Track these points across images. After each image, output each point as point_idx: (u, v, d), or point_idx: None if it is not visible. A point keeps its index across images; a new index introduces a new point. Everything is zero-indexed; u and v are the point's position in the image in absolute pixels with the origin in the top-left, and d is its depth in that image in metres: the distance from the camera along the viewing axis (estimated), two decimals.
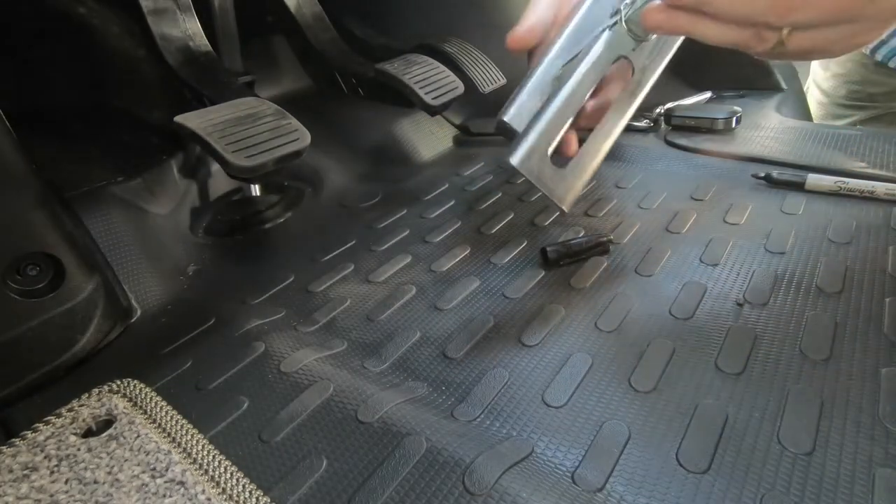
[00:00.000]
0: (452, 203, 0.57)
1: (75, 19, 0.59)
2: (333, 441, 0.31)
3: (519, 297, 0.41)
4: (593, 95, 0.38)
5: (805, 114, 0.81)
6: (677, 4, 0.29)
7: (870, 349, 0.33)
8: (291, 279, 0.48)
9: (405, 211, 0.57)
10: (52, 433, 0.30)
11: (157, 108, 0.63)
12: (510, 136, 0.39)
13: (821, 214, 0.46)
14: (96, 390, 0.33)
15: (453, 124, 0.74)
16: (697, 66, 0.76)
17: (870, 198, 0.47)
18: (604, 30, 0.37)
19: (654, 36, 0.37)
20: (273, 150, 0.40)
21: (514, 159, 0.36)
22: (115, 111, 0.63)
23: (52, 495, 0.27)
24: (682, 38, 0.38)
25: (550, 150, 0.36)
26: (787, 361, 0.33)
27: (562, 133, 0.37)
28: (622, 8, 0.36)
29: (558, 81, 0.38)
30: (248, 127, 0.41)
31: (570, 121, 0.37)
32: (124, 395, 0.33)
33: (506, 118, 0.39)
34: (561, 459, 0.28)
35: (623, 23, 0.36)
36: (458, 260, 0.47)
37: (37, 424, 0.31)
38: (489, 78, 0.59)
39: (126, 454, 0.29)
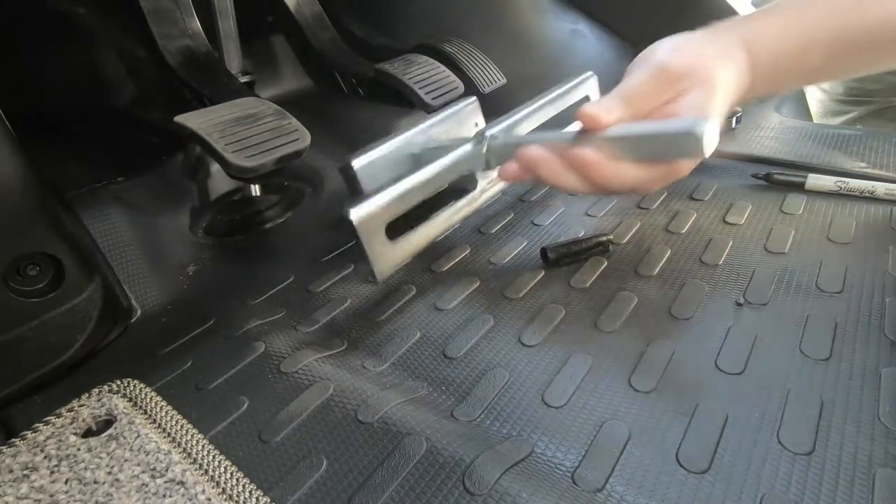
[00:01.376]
0: None
1: (75, 19, 0.59)
2: (333, 441, 0.31)
3: (519, 297, 0.41)
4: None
5: (805, 113, 0.81)
6: (529, 174, 0.36)
7: (870, 349, 0.33)
8: (291, 279, 0.48)
9: None
10: (52, 433, 0.30)
11: (157, 108, 0.63)
12: (350, 184, 0.39)
13: (821, 214, 0.46)
14: (96, 390, 0.33)
15: None
16: None
17: (870, 198, 0.47)
18: (467, 142, 0.40)
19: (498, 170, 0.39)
20: (273, 150, 0.40)
21: (354, 215, 0.35)
22: (115, 111, 0.63)
23: (52, 495, 0.27)
24: None
25: (387, 221, 0.37)
26: (787, 361, 0.33)
27: (403, 211, 0.38)
28: (487, 135, 0.40)
29: (415, 159, 0.41)
30: (248, 127, 0.41)
31: (414, 204, 0.38)
32: (124, 395, 0.33)
33: (355, 164, 0.39)
34: (561, 459, 0.28)
35: (485, 148, 0.40)
36: (458, 260, 0.47)
37: (37, 424, 0.31)
38: (489, 78, 0.59)
39: (126, 454, 0.29)
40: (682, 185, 0.54)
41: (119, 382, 0.34)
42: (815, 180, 0.49)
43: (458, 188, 0.43)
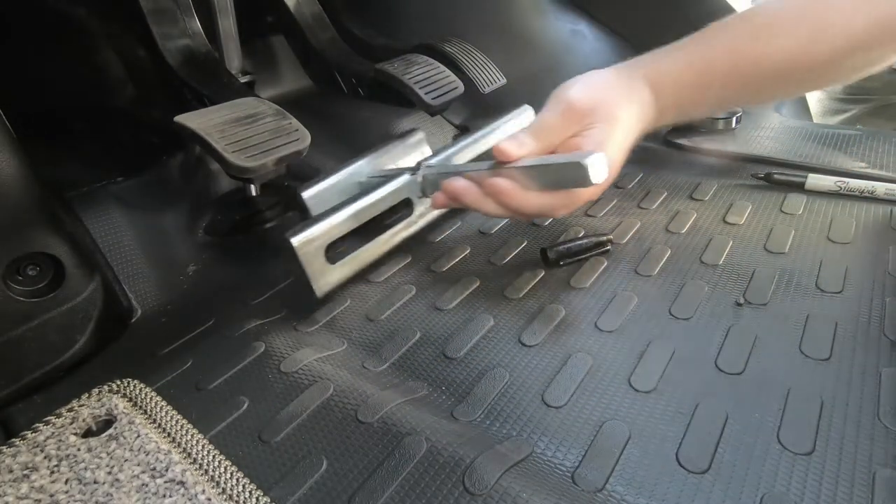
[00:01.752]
0: None
1: (75, 19, 0.59)
2: (333, 441, 0.31)
3: (519, 297, 0.41)
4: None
5: (805, 113, 0.81)
6: (455, 202, 0.40)
7: (870, 349, 0.33)
8: (291, 279, 0.48)
9: None
10: (52, 433, 0.30)
11: (157, 108, 0.63)
12: (301, 210, 0.44)
13: (821, 214, 0.46)
14: (96, 390, 0.33)
15: (453, 124, 0.74)
16: None
17: (870, 198, 0.47)
18: (405, 173, 0.45)
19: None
20: (273, 150, 0.40)
21: (294, 240, 0.39)
22: (115, 111, 0.63)
23: (52, 495, 0.27)
24: None
25: (325, 244, 0.41)
26: (787, 361, 0.33)
27: (341, 235, 0.42)
28: (423, 166, 0.45)
29: (361, 187, 0.45)
30: (249, 127, 0.41)
31: (352, 228, 0.42)
32: (124, 395, 0.33)
33: (304, 195, 0.44)
34: (561, 459, 0.28)
35: (420, 178, 0.45)
36: (457, 260, 0.47)
37: (37, 424, 0.31)
38: (489, 78, 0.59)
39: (126, 454, 0.29)
40: (682, 185, 0.54)
41: (119, 382, 0.34)
42: (815, 180, 0.50)
43: (396, 213, 0.47)
